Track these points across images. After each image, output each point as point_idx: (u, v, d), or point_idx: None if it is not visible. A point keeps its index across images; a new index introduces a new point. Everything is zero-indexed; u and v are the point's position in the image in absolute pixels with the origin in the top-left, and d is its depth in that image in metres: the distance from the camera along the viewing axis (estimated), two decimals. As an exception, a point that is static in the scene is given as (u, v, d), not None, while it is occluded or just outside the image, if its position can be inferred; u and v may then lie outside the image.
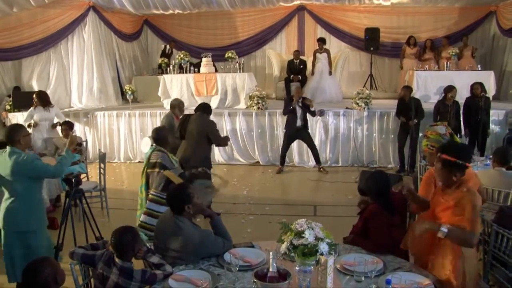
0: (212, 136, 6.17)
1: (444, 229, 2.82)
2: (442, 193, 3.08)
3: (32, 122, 7.46)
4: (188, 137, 6.13)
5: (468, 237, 2.83)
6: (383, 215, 3.42)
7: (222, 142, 6.55)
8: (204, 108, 6.39)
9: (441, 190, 3.11)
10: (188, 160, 5.94)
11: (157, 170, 4.59)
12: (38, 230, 4.04)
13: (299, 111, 8.20)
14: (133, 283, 2.87)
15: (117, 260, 2.94)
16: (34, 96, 7.64)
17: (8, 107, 9.68)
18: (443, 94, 7.95)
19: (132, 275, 2.88)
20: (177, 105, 7.17)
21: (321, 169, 8.60)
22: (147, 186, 4.66)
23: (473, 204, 2.87)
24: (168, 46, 13.08)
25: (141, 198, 4.81)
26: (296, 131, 8.31)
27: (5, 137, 4.04)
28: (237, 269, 2.85)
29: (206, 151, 6.24)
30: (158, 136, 4.95)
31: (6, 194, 4.00)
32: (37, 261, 2.66)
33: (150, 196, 4.33)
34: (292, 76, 10.94)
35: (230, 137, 9.28)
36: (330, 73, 10.74)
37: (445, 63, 10.33)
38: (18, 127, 4.19)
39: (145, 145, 4.63)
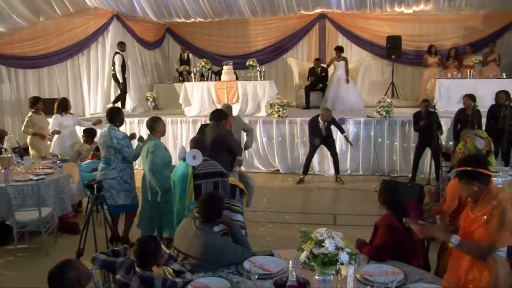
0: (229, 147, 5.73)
1: (454, 241, 2.78)
2: (471, 209, 3.01)
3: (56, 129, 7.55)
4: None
5: (483, 250, 2.75)
6: (393, 225, 3.34)
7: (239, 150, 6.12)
8: (218, 116, 5.88)
9: (470, 206, 3.04)
10: None
11: (218, 179, 4.26)
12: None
13: (322, 128, 8.17)
14: None
15: (137, 269, 2.94)
16: (56, 103, 7.68)
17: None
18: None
19: (153, 283, 2.88)
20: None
21: (338, 179, 8.54)
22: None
23: (501, 216, 2.77)
24: (183, 53, 13.17)
25: (187, 216, 4.04)
26: (322, 138, 8.24)
27: (147, 126, 5.18)
28: (256, 277, 2.83)
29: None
30: (205, 146, 4.56)
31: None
32: (60, 266, 2.61)
33: (234, 207, 4.12)
34: (311, 79, 10.98)
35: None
36: (348, 81, 10.71)
37: (468, 71, 10.18)
38: (156, 118, 5.18)
39: (192, 158, 4.14)
